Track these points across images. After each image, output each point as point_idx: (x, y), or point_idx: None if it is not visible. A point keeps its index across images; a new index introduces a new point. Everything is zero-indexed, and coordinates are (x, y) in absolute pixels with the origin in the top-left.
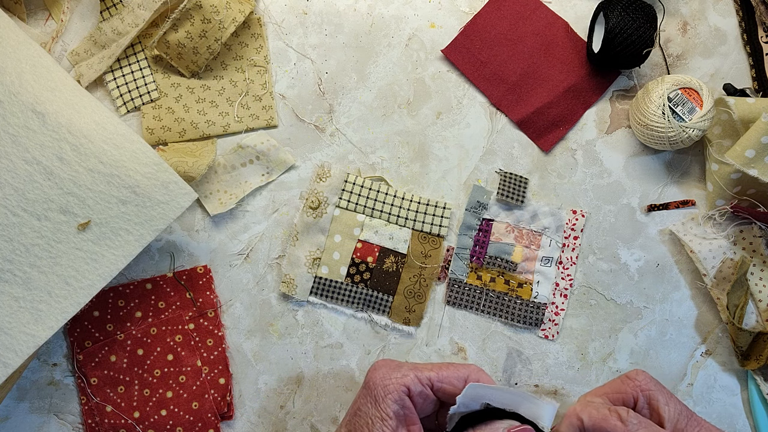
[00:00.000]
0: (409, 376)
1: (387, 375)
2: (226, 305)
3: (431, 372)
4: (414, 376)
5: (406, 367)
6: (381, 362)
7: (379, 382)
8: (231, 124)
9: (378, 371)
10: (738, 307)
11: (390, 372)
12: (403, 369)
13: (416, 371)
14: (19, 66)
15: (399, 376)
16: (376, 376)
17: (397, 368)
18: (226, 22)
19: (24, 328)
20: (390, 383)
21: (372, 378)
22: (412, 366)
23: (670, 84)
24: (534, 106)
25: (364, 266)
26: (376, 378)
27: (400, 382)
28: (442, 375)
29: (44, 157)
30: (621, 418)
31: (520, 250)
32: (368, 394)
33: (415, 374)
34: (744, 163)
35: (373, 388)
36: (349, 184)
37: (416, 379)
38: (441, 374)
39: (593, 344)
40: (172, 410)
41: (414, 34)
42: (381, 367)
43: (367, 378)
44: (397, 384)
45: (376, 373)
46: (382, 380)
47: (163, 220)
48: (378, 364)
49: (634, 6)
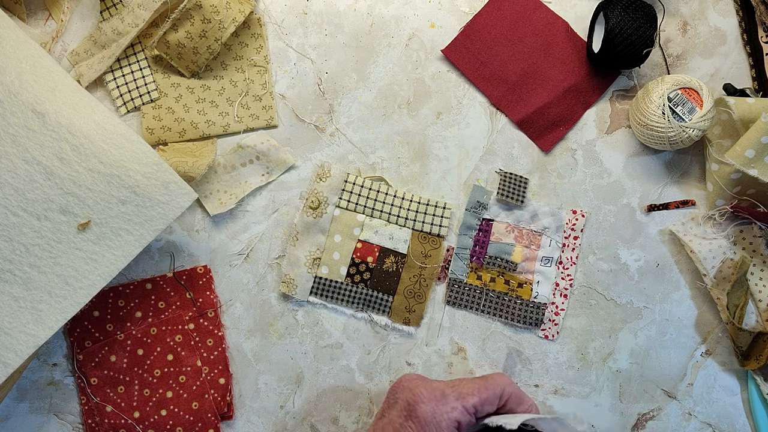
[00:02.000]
0: (458, 410)
1: (437, 410)
2: (226, 305)
3: (474, 398)
4: (462, 408)
5: (452, 398)
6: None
7: (430, 419)
8: (231, 124)
9: (425, 405)
10: (738, 307)
11: (438, 406)
12: (449, 400)
13: (462, 401)
14: (19, 66)
15: (449, 410)
16: (425, 411)
17: (442, 399)
18: (226, 22)
19: (24, 328)
20: (442, 419)
21: (420, 412)
22: (456, 395)
23: (670, 84)
24: (534, 106)
25: (364, 266)
26: (425, 412)
27: (451, 417)
28: (483, 398)
29: (44, 157)
30: None
31: (520, 250)
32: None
33: (462, 405)
34: (744, 163)
35: (425, 425)
36: (349, 184)
37: (464, 410)
38: (482, 397)
39: (593, 344)
40: (172, 410)
41: (414, 34)
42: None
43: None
44: (449, 419)
45: (424, 407)
46: (433, 416)
47: (163, 220)
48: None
49: (634, 6)
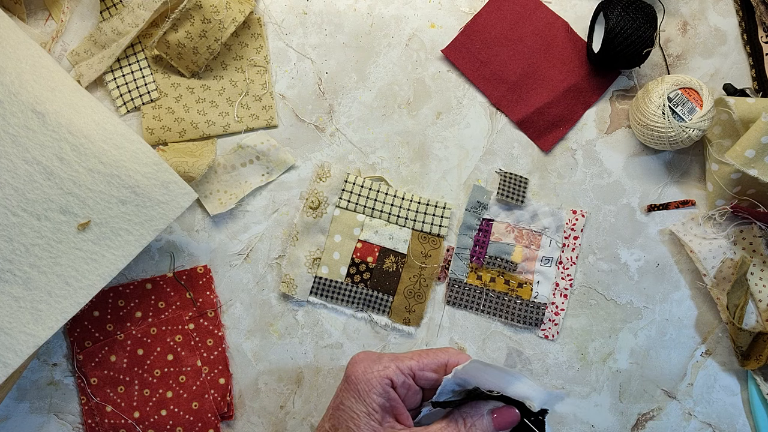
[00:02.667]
0: (391, 368)
1: (368, 368)
2: (226, 305)
3: (412, 361)
4: (395, 366)
5: (386, 359)
6: (360, 355)
7: (361, 377)
8: (231, 124)
9: (358, 365)
10: (738, 307)
11: (371, 365)
12: (384, 360)
13: (397, 362)
14: (19, 66)
15: (380, 368)
16: (357, 370)
17: (377, 360)
18: (226, 22)
19: (24, 328)
20: (372, 376)
21: (353, 372)
22: (392, 356)
23: (670, 84)
24: (534, 106)
25: (364, 266)
26: (357, 372)
27: (382, 374)
28: (422, 363)
29: (44, 157)
30: None
31: (520, 250)
32: (350, 388)
33: (396, 365)
34: (744, 163)
35: (356, 383)
36: (349, 184)
37: (398, 369)
38: (422, 362)
39: (593, 344)
40: (172, 410)
41: (414, 34)
42: (361, 360)
43: (347, 372)
44: (379, 377)
45: (357, 367)
46: (364, 374)
47: (163, 220)
48: (357, 357)
49: (634, 6)
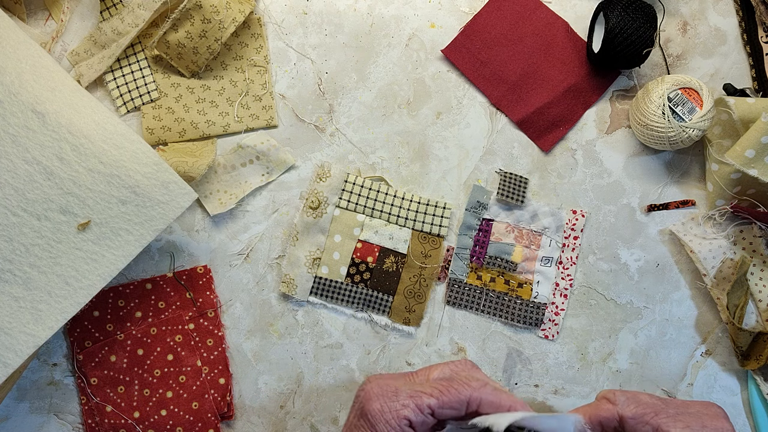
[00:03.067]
0: (410, 407)
1: (386, 406)
2: (226, 305)
3: (431, 399)
4: (414, 405)
5: (404, 395)
6: (375, 387)
7: (378, 416)
8: (231, 124)
9: (375, 402)
10: (738, 307)
11: (389, 402)
12: (401, 397)
13: (416, 399)
14: (19, 66)
15: (398, 407)
16: (373, 408)
17: (394, 396)
18: (226, 22)
19: (24, 328)
20: (391, 417)
21: (370, 409)
22: (411, 393)
23: (670, 84)
24: (534, 106)
25: (364, 266)
26: (374, 409)
27: (401, 414)
28: (443, 401)
29: (44, 157)
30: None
31: (520, 250)
32: (368, 426)
33: (415, 403)
34: (744, 163)
35: (374, 423)
36: (349, 184)
37: (417, 409)
38: (442, 400)
39: (593, 344)
40: (172, 410)
41: (414, 34)
42: (377, 396)
43: (364, 407)
44: (398, 417)
45: (374, 404)
46: (382, 413)
47: (163, 220)
48: (372, 390)
49: (634, 6)
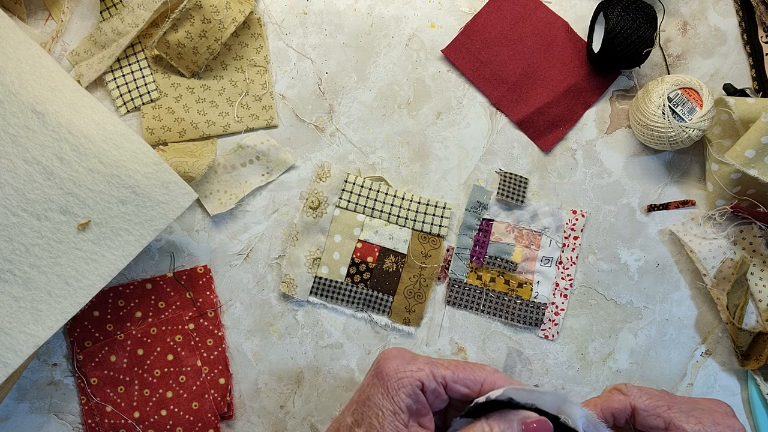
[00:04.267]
0: (425, 371)
1: (401, 366)
2: (226, 305)
3: (447, 371)
4: (429, 371)
5: (421, 361)
6: (394, 351)
7: (392, 374)
8: (231, 124)
9: (391, 361)
10: (738, 307)
11: (404, 364)
12: (418, 362)
13: (432, 366)
14: (19, 66)
15: (414, 369)
16: (389, 367)
17: (411, 360)
18: (226, 22)
19: (24, 328)
20: (404, 376)
21: (385, 368)
22: (428, 360)
23: (670, 84)
24: (534, 106)
25: (364, 266)
26: (389, 368)
27: (415, 376)
28: (458, 376)
29: (44, 157)
30: (622, 392)
31: (520, 250)
32: (380, 384)
33: (430, 369)
34: (744, 163)
35: (387, 379)
36: (349, 184)
37: (431, 375)
38: (457, 374)
39: (593, 344)
40: (172, 410)
41: (414, 34)
42: (395, 357)
43: (378, 366)
44: (412, 377)
45: (390, 363)
46: (396, 372)
47: (163, 220)
48: (391, 353)
49: (634, 6)
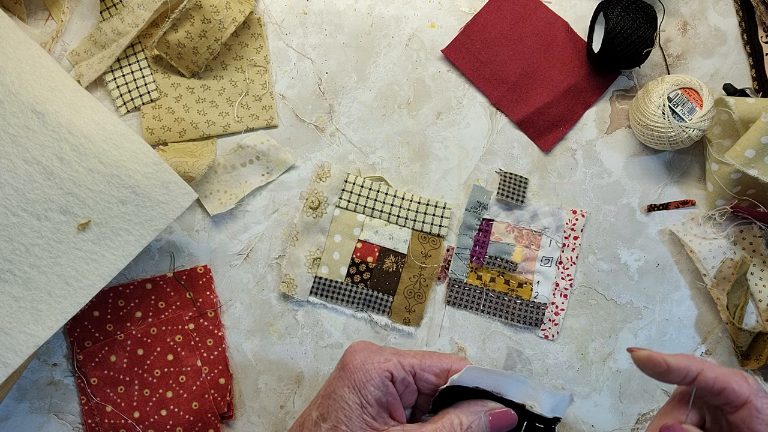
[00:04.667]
0: (392, 361)
1: (368, 358)
2: (226, 305)
3: (414, 359)
4: (397, 361)
5: (388, 351)
6: (360, 344)
7: (359, 366)
8: (231, 124)
9: (357, 354)
10: (738, 307)
11: (371, 355)
12: (385, 353)
13: (399, 356)
14: (19, 66)
15: (381, 360)
16: (355, 359)
17: (378, 352)
18: (226, 22)
19: (24, 328)
20: (372, 368)
21: (351, 361)
22: (394, 351)
23: (670, 84)
24: (534, 106)
25: (364, 266)
26: (355, 361)
27: (383, 367)
28: (425, 364)
29: (44, 157)
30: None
31: (520, 250)
32: (346, 377)
33: (398, 359)
34: (744, 163)
35: (353, 372)
36: (349, 184)
37: (399, 364)
38: (424, 363)
39: (593, 344)
40: (172, 410)
41: (414, 34)
42: (361, 349)
43: (344, 360)
44: (380, 369)
45: (356, 356)
46: (363, 364)
47: (163, 220)
48: (356, 346)
49: (634, 6)
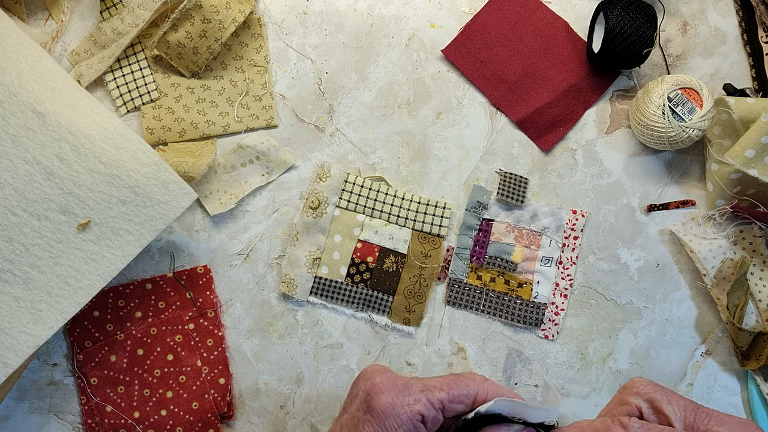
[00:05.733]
0: (422, 402)
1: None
2: (226, 305)
3: (442, 393)
4: (426, 400)
5: (415, 389)
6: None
7: (389, 411)
8: (231, 124)
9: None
10: (738, 307)
11: (399, 397)
12: (413, 392)
13: (427, 393)
14: (19, 66)
15: (411, 402)
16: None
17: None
18: (226, 22)
19: (24, 328)
20: (403, 412)
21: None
22: (421, 387)
23: (670, 84)
24: (534, 106)
25: (364, 266)
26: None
27: (414, 410)
28: (452, 395)
29: (44, 157)
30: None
31: (520, 250)
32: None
33: (427, 398)
34: (744, 163)
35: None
36: (349, 184)
37: (429, 403)
38: (452, 394)
39: (593, 344)
40: (172, 410)
41: (414, 34)
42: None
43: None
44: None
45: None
46: (393, 408)
47: (163, 220)
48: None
49: (634, 6)
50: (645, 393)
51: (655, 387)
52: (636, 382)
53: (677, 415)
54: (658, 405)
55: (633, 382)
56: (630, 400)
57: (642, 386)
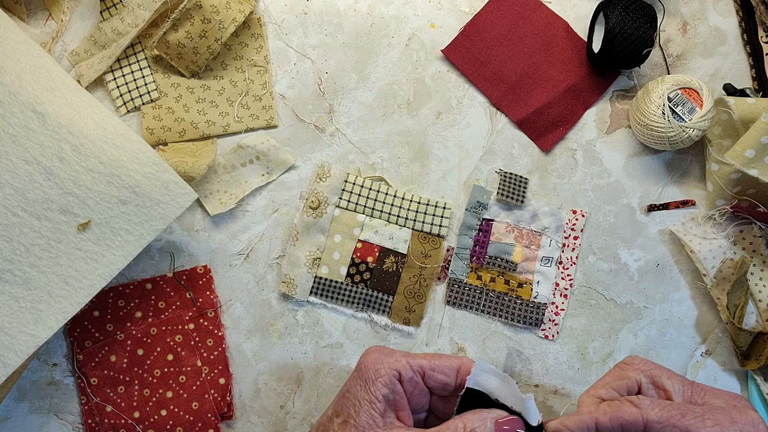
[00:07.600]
0: (401, 362)
1: (379, 359)
2: (226, 305)
3: (423, 360)
4: (406, 362)
5: (398, 354)
6: (374, 348)
7: (370, 366)
8: (231, 124)
9: (370, 355)
10: (738, 307)
11: (382, 357)
12: (396, 355)
13: (408, 358)
14: (19, 66)
15: (391, 361)
16: (368, 360)
17: (389, 354)
18: (226, 22)
19: (24, 328)
20: (381, 367)
21: (364, 361)
22: (405, 353)
23: (670, 84)
24: (534, 106)
25: (364, 266)
26: (367, 361)
27: (391, 366)
28: (434, 363)
29: (44, 157)
30: (634, 404)
31: (520, 250)
32: (359, 376)
33: (407, 360)
34: (744, 163)
35: (364, 371)
36: (349, 184)
37: (408, 365)
38: (433, 363)
39: (593, 344)
40: (172, 410)
41: (414, 34)
42: (373, 352)
43: (359, 361)
44: (388, 368)
45: (368, 357)
46: (374, 364)
47: (163, 220)
48: (371, 349)
49: (634, 6)
50: (645, 369)
51: (653, 364)
52: (635, 358)
53: (677, 389)
54: (659, 380)
55: (632, 359)
56: (630, 375)
57: (641, 363)
